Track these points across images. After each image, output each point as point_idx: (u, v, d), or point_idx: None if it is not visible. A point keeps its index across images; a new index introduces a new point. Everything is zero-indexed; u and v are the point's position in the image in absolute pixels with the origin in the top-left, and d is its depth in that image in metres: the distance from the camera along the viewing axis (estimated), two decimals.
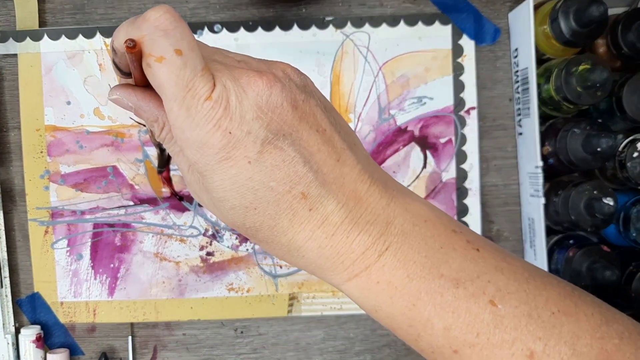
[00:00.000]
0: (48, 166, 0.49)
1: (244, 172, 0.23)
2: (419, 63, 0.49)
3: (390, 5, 0.49)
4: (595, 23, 0.43)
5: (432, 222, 0.26)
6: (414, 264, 0.25)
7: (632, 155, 0.46)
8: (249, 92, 0.23)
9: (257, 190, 0.24)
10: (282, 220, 0.25)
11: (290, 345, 0.50)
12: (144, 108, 0.26)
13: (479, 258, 0.25)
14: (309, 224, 0.25)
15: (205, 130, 0.23)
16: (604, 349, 0.24)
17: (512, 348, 0.24)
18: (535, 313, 0.24)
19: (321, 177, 0.24)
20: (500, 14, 0.49)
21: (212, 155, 0.23)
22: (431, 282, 0.24)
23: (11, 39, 0.48)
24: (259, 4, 0.49)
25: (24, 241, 0.49)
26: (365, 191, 0.25)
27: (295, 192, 0.24)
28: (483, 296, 0.24)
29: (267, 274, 0.50)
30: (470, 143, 0.49)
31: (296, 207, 0.24)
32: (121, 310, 0.50)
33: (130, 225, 0.50)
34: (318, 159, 0.24)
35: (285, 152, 0.24)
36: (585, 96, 0.44)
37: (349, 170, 0.25)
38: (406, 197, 0.27)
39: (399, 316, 0.25)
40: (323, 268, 0.26)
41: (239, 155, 0.23)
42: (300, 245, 0.25)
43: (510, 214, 0.50)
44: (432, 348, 0.25)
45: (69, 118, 0.49)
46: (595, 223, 0.44)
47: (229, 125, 0.23)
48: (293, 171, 0.24)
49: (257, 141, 0.23)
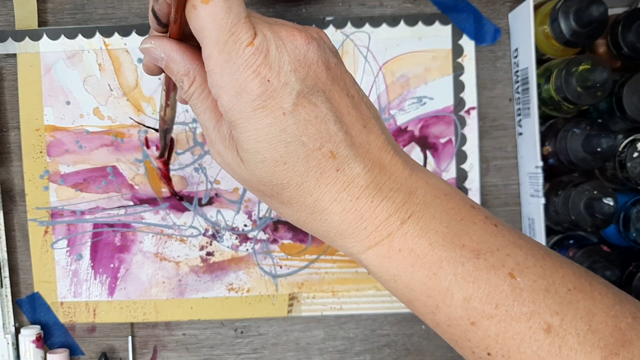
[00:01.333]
0: (47, 166, 0.49)
1: (278, 123, 0.24)
2: (419, 63, 0.49)
3: (390, 5, 0.49)
4: (595, 23, 0.43)
5: (451, 196, 0.26)
6: (436, 234, 0.25)
7: (632, 155, 0.46)
8: (288, 44, 0.24)
9: (289, 143, 0.24)
10: (310, 179, 0.25)
11: (290, 345, 0.50)
12: (176, 59, 0.26)
13: (498, 233, 0.26)
14: (335, 185, 0.25)
15: (245, 75, 0.23)
16: (618, 327, 0.24)
17: (530, 321, 0.24)
18: (552, 288, 0.24)
19: (350, 139, 0.25)
20: (500, 14, 0.49)
21: (249, 102, 0.24)
22: (453, 251, 0.25)
23: (10, 38, 0.48)
24: (259, 4, 0.49)
25: (23, 241, 0.49)
26: (389, 160, 0.26)
27: (325, 150, 0.24)
28: (503, 268, 0.24)
29: (267, 274, 0.50)
30: (470, 143, 0.49)
31: (324, 166, 0.24)
32: (121, 310, 0.50)
33: (130, 225, 0.50)
34: (347, 121, 0.25)
35: (318, 108, 0.24)
36: (585, 96, 0.44)
37: (375, 138, 0.26)
38: (426, 172, 0.27)
39: (418, 286, 0.25)
40: (345, 234, 0.26)
41: (275, 105, 0.24)
42: (325, 207, 0.25)
43: (510, 214, 0.50)
44: (449, 320, 0.25)
45: (69, 118, 0.49)
46: (595, 223, 0.44)
47: (267, 74, 0.23)
48: (324, 128, 0.24)
49: (293, 93, 0.24)
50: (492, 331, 0.24)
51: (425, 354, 0.50)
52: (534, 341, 0.24)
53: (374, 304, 0.50)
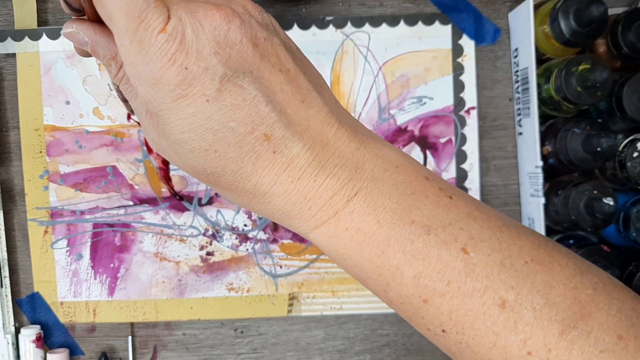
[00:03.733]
0: (47, 166, 0.49)
1: (202, 111, 0.22)
2: (419, 63, 0.49)
3: (390, 5, 0.49)
4: (595, 23, 0.43)
5: (403, 168, 0.25)
6: (384, 210, 0.24)
7: (632, 155, 0.46)
8: (206, 25, 0.22)
9: (217, 131, 0.23)
10: (245, 164, 0.23)
11: (290, 345, 0.50)
12: (101, 43, 0.24)
13: (452, 205, 0.24)
14: (274, 168, 0.23)
15: (160, 65, 0.22)
16: (577, 299, 0.23)
17: (483, 297, 0.23)
18: (508, 262, 0.23)
19: (285, 118, 0.23)
20: (500, 14, 0.49)
21: (167, 92, 0.22)
22: (401, 228, 0.24)
23: (10, 38, 0.48)
24: (259, 4, 0.49)
25: (23, 241, 0.49)
26: (333, 134, 0.24)
27: (258, 133, 0.23)
28: (455, 244, 0.23)
29: (267, 274, 0.50)
30: (470, 143, 0.49)
31: (259, 150, 0.23)
32: (121, 310, 0.50)
33: (130, 225, 0.50)
34: (281, 99, 0.23)
35: (245, 91, 0.22)
36: (585, 96, 0.44)
37: (315, 112, 0.24)
38: (377, 142, 0.25)
39: (367, 265, 0.24)
40: (290, 215, 0.25)
41: (197, 92, 0.22)
42: (265, 190, 0.24)
43: (511, 214, 0.50)
44: (401, 298, 0.25)
45: (68, 118, 0.49)
46: (595, 223, 0.45)
47: (184, 60, 0.22)
48: (254, 111, 0.23)
49: (216, 78, 0.22)
50: (444, 308, 0.24)
51: (425, 354, 0.50)
52: (488, 317, 0.23)
53: (374, 304, 0.50)
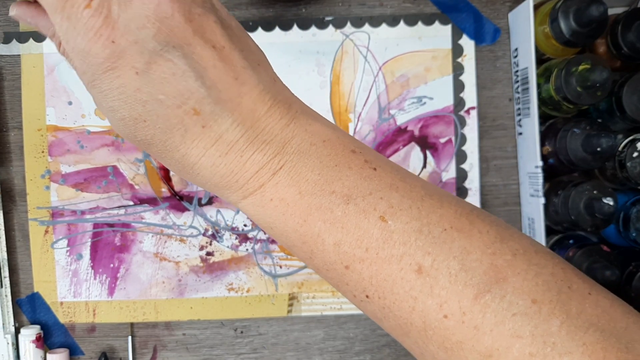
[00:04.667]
0: (49, 166, 0.49)
1: (132, 83, 0.23)
2: (419, 63, 0.49)
3: (390, 5, 0.49)
4: (595, 23, 0.43)
5: (331, 142, 0.26)
6: (306, 182, 0.25)
7: (632, 155, 0.46)
8: (134, 0, 0.23)
9: (146, 102, 0.23)
10: (174, 136, 0.24)
11: (290, 345, 0.50)
12: (41, 23, 0.26)
13: (375, 176, 0.25)
14: (202, 141, 0.24)
15: (87, 38, 0.23)
16: (494, 264, 0.24)
17: (400, 263, 0.24)
18: (426, 229, 0.24)
19: (215, 94, 0.24)
20: (500, 14, 0.49)
21: (97, 65, 0.23)
22: (322, 198, 0.25)
23: (14, 40, 0.49)
24: (259, 4, 0.49)
25: (24, 241, 0.50)
26: (265, 112, 0.25)
27: (187, 107, 0.24)
28: (373, 212, 0.24)
29: (267, 274, 0.50)
30: (470, 143, 0.49)
31: (188, 123, 0.24)
32: (121, 310, 0.50)
33: (130, 225, 0.50)
34: (212, 75, 0.24)
35: (175, 65, 0.23)
36: (585, 96, 0.44)
37: (248, 89, 0.25)
38: (309, 118, 0.26)
39: (292, 233, 0.25)
40: (219, 186, 0.26)
41: (126, 65, 0.23)
42: (193, 162, 0.25)
43: (510, 214, 0.50)
44: (325, 265, 0.26)
45: (70, 118, 0.49)
46: (595, 223, 0.44)
47: (111, 34, 0.22)
48: (184, 85, 0.23)
49: (145, 52, 0.23)
50: (365, 274, 0.25)
51: None
52: (405, 282, 0.24)
53: None
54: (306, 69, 0.49)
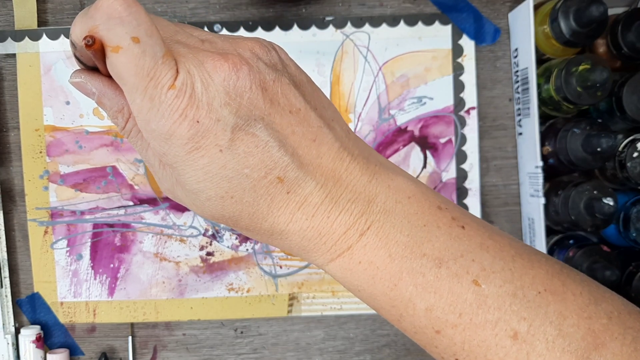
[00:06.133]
0: (47, 166, 0.49)
1: (217, 161, 0.23)
2: (419, 63, 0.49)
3: (390, 5, 0.49)
4: (595, 23, 0.43)
5: (416, 198, 0.25)
6: (396, 244, 0.24)
7: (632, 155, 0.46)
8: (215, 77, 0.22)
9: (232, 178, 0.23)
10: (261, 206, 0.24)
11: (290, 345, 0.50)
12: (108, 95, 0.25)
13: (464, 236, 0.25)
14: (288, 207, 0.24)
15: (172, 120, 0.22)
16: (591, 329, 0.23)
17: (495, 328, 0.23)
18: (520, 292, 0.24)
19: (297, 160, 0.24)
20: (500, 14, 0.49)
21: (180, 146, 0.22)
22: (413, 261, 0.24)
23: (10, 38, 0.48)
24: (259, 4, 0.49)
25: (23, 241, 0.49)
26: (345, 169, 0.25)
27: (272, 177, 0.23)
28: (466, 276, 0.24)
29: (267, 274, 0.50)
30: (470, 143, 0.49)
31: (273, 192, 0.24)
32: (121, 311, 0.50)
33: (130, 225, 0.50)
34: (293, 142, 0.24)
35: (258, 138, 0.23)
36: (585, 96, 0.44)
37: (327, 149, 0.25)
38: (389, 172, 0.26)
39: (381, 296, 0.25)
40: (307, 249, 0.25)
41: (210, 144, 0.22)
42: (282, 229, 0.25)
43: (510, 214, 0.50)
44: (415, 328, 0.25)
45: (68, 118, 0.49)
46: (595, 223, 0.44)
47: (196, 114, 0.22)
48: (267, 156, 0.23)
49: (227, 128, 0.22)
50: (457, 339, 0.24)
51: (425, 354, 0.50)
52: (500, 348, 0.23)
53: None
54: (306, 69, 0.49)
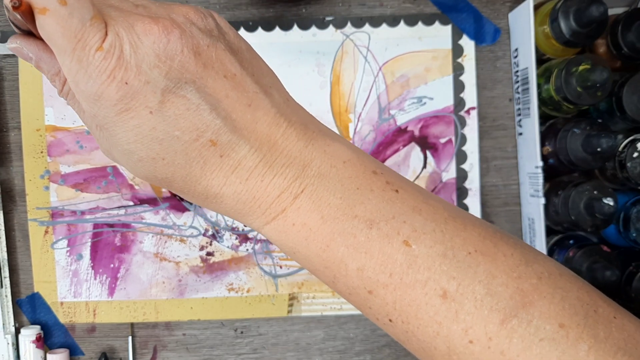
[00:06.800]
0: (48, 166, 0.49)
1: (147, 123, 0.23)
2: (419, 63, 0.49)
3: (390, 5, 0.49)
4: (595, 23, 0.43)
5: (351, 163, 0.26)
6: (328, 206, 0.25)
7: (632, 155, 0.46)
8: (144, 40, 0.22)
9: (163, 140, 0.23)
10: (194, 169, 0.24)
11: (290, 345, 0.50)
12: (44, 59, 0.25)
13: (397, 199, 0.25)
14: (222, 171, 0.24)
15: (100, 82, 0.22)
16: (520, 288, 0.23)
17: (425, 288, 0.24)
18: (450, 253, 0.24)
19: (230, 123, 0.24)
20: (500, 14, 0.49)
21: (110, 107, 0.23)
22: (344, 223, 0.24)
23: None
24: (259, 4, 0.49)
25: (24, 241, 0.49)
26: (281, 135, 0.25)
27: (204, 140, 0.24)
28: (397, 236, 0.24)
29: (267, 274, 0.50)
30: (470, 143, 0.49)
31: (206, 155, 0.24)
32: (121, 311, 0.50)
33: (130, 225, 0.50)
34: (226, 105, 0.24)
35: (189, 100, 0.23)
36: (585, 96, 0.44)
37: (263, 114, 0.25)
38: (327, 138, 0.26)
39: (314, 258, 0.25)
40: (242, 213, 0.26)
41: (139, 105, 0.23)
42: (216, 192, 0.25)
43: (510, 214, 0.50)
44: (348, 289, 0.25)
45: (69, 118, 0.49)
46: (595, 223, 0.44)
47: (124, 76, 0.22)
48: (199, 119, 0.23)
49: (157, 90, 0.23)
50: (389, 299, 0.24)
51: None
52: (430, 307, 0.24)
53: None
54: (306, 69, 0.49)
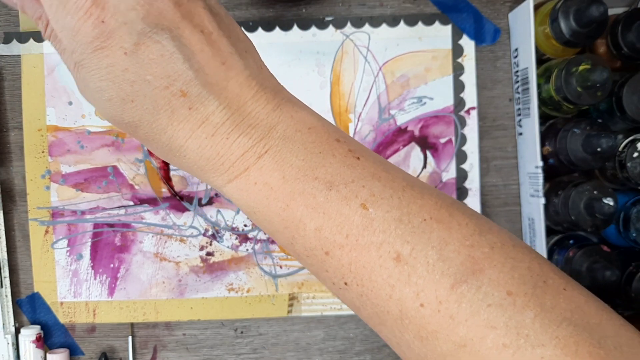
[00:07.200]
0: (49, 166, 0.49)
1: (120, 63, 0.23)
2: (419, 63, 0.49)
3: (390, 5, 0.49)
4: (595, 23, 0.43)
5: (316, 129, 0.26)
6: (290, 167, 0.25)
7: (632, 155, 0.46)
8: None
9: (134, 82, 0.24)
10: (161, 117, 0.24)
11: (290, 345, 0.50)
12: (27, 4, 0.26)
13: (358, 165, 0.26)
14: (189, 123, 0.25)
15: (77, 17, 0.23)
16: (471, 256, 0.24)
17: (379, 250, 0.24)
18: (406, 218, 0.24)
19: (203, 77, 0.24)
20: (500, 14, 0.49)
21: (86, 44, 0.23)
22: (305, 183, 0.25)
23: (14, 40, 0.49)
24: (259, 4, 0.49)
25: (24, 241, 0.50)
26: (252, 97, 0.25)
27: (174, 88, 0.24)
28: (355, 199, 0.25)
29: (267, 274, 0.50)
30: (470, 143, 0.49)
31: (175, 104, 0.24)
32: (121, 311, 0.50)
33: (130, 225, 0.50)
34: (200, 59, 0.24)
35: (163, 47, 0.24)
36: (585, 96, 0.44)
37: (235, 74, 0.25)
38: (295, 106, 0.27)
39: (274, 217, 0.26)
40: (204, 169, 0.26)
41: (114, 45, 0.23)
42: (180, 144, 0.25)
43: (510, 214, 0.50)
44: (306, 251, 0.26)
45: (71, 118, 0.49)
46: (595, 223, 0.44)
47: (101, 14, 0.23)
48: (171, 67, 0.24)
49: (133, 32, 0.23)
50: (344, 260, 0.25)
51: None
52: (384, 269, 0.24)
53: None
54: (306, 69, 0.49)
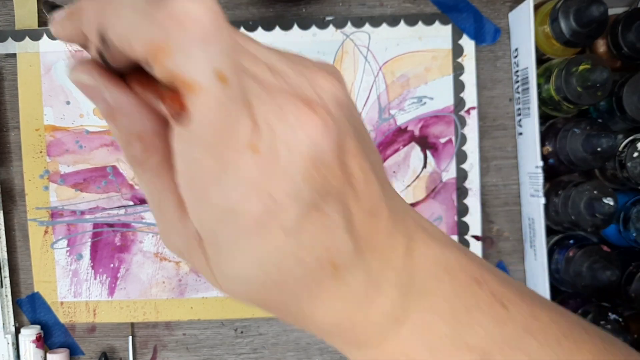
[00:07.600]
0: (47, 166, 0.49)
1: (277, 248, 0.17)
2: (419, 63, 0.49)
3: (390, 5, 0.49)
4: (595, 23, 0.43)
5: (453, 273, 0.21)
6: (438, 337, 0.20)
7: (632, 155, 0.46)
8: (300, 136, 0.16)
9: (284, 264, 0.17)
10: (302, 295, 0.19)
11: (290, 345, 0.50)
12: (130, 114, 0.16)
13: (508, 320, 0.21)
14: (327, 292, 0.19)
15: (239, 192, 0.16)
16: None
17: None
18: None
19: (356, 242, 0.18)
20: (500, 14, 0.49)
21: (240, 226, 0.16)
22: (456, 357, 0.20)
23: (10, 38, 0.48)
24: (259, 4, 0.49)
25: (24, 241, 0.49)
26: (386, 237, 0.19)
27: (327, 264, 0.18)
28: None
29: None
30: (470, 143, 0.49)
31: (320, 278, 0.18)
32: (121, 310, 0.50)
33: (130, 225, 0.50)
34: (358, 222, 0.18)
35: (329, 218, 0.17)
36: (585, 96, 0.44)
37: (379, 221, 0.19)
38: (425, 236, 0.21)
39: None
40: (331, 334, 0.21)
41: (275, 226, 0.16)
42: (311, 311, 0.19)
43: (510, 214, 0.50)
44: None
45: (69, 118, 0.49)
46: (595, 223, 0.44)
47: (273, 188, 0.16)
48: (332, 240, 0.17)
49: (302, 206, 0.16)
50: None
51: None
52: None
53: None
54: None
